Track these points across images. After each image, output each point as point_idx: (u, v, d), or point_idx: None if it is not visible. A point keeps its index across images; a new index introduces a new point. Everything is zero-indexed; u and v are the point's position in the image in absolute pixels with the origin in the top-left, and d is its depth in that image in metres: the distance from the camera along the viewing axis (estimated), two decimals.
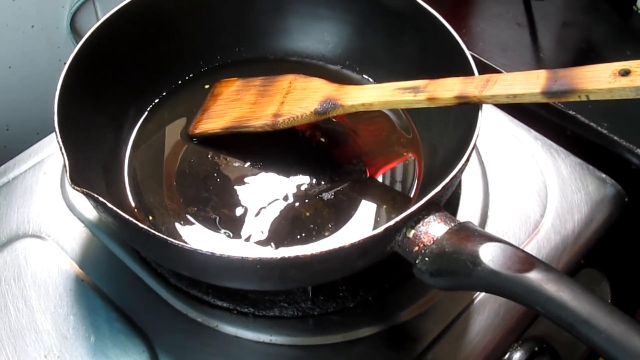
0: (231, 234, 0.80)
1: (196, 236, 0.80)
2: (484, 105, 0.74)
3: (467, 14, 1.16)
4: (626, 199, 0.91)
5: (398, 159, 0.88)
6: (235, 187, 0.84)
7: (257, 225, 0.81)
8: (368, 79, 0.97)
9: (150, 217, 0.82)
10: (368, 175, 0.86)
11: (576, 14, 1.14)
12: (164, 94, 0.95)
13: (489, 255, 0.60)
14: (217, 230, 0.81)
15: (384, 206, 0.83)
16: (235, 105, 0.89)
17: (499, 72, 0.99)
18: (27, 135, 1.07)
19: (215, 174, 0.86)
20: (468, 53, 0.79)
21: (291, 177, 0.85)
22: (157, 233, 0.64)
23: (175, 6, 0.92)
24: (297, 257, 0.62)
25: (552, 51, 1.09)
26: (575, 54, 1.10)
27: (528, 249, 0.83)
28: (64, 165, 0.69)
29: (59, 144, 0.71)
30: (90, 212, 0.86)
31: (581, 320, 0.54)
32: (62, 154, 0.70)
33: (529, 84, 0.70)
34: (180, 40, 0.94)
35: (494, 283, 0.60)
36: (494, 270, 0.59)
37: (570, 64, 0.70)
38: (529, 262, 0.59)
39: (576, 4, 1.14)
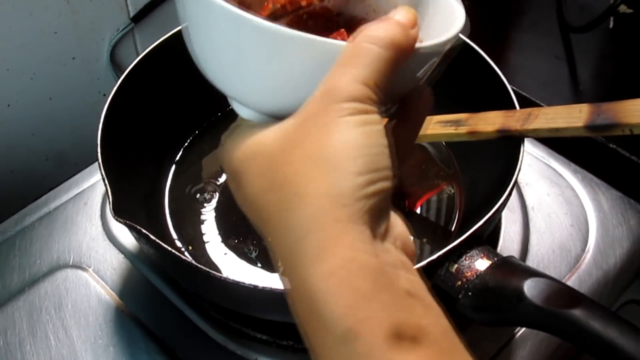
0: (270, 267, 0.80)
1: (234, 268, 0.80)
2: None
3: (505, 47, 1.16)
4: None
5: (437, 189, 0.88)
6: None
7: None
8: None
9: (190, 248, 0.83)
10: (407, 208, 0.86)
11: (615, 47, 1.13)
12: (205, 125, 0.96)
13: (533, 290, 0.59)
14: (255, 263, 0.81)
15: (424, 240, 0.82)
16: None
17: (539, 105, 0.98)
18: (66, 165, 1.08)
19: None
20: (509, 86, 0.79)
21: None
22: (199, 266, 0.64)
23: None
24: None
25: (591, 84, 1.08)
26: (614, 87, 1.09)
27: (569, 284, 0.82)
28: (107, 197, 0.69)
29: (102, 175, 0.72)
30: (130, 242, 0.86)
31: (629, 359, 0.54)
32: (105, 185, 0.70)
33: (572, 117, 0.69)
34: None
35: (538, 319, 0.59)
36: (539, 306, 0.58)
37: (610, 97, 0.69)
38: (574, 297, 0.58)
39: (615, 37, 1.13)
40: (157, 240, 0.65)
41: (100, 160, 0.73)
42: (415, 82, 0.48)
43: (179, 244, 0.83)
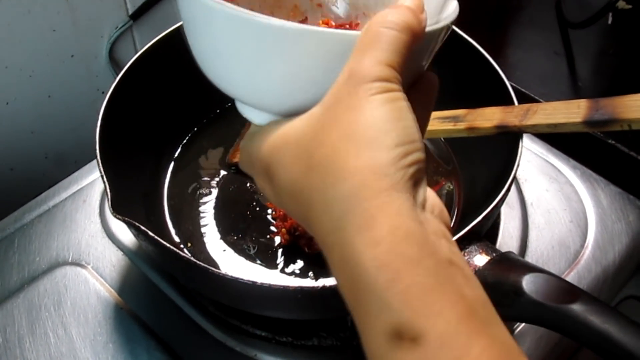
0: (269, 264, 0.80)
1: (233, 265, 0.80)
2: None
3: (504, 43, 1.16)
4: None
5: (436, 186, 0.88)
6: (274, 216, 0.85)
7: (297, 255, 0.80)
8: None
9: (189, 244, 0.83)
10: None
11: (613, 43, 1.13)
12: (203, 121, 0.96)
13: (532, 285, 0.59)
14: (253, 259, 0.81)
15: None
16: None
17: (537, 101, 0.98)
18: (65, 163, 1.08)
19: (254, 203, 0.86)
20: (507, 82, 0.79)
21: None
22: (199, 262, 0.64)
23: None
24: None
25: (590, 80, 1.08)
26: (613, 83, 1.09)
27: (569, 280, 0.82)
28: (106, 194, 0.69)
29: (100, 172, 0.72)
30: (129, 239, 0.86)
31: (627, 353, 0.54)
32: (104, 182, 0.70)
33: (570, 113, 0.69)
34: None
35: (537, 314, 0.59)
36: (538, 301, 0.58)
37: (608, 93, 0.69)
38: (573, 292, 0.58)
39: (613, 33, 1.13)
40: (156, 237, 0.65)
41: (98, 157, 0.73)
42: (422, 68, 0.49)
43: (177, 240, 0.83)
